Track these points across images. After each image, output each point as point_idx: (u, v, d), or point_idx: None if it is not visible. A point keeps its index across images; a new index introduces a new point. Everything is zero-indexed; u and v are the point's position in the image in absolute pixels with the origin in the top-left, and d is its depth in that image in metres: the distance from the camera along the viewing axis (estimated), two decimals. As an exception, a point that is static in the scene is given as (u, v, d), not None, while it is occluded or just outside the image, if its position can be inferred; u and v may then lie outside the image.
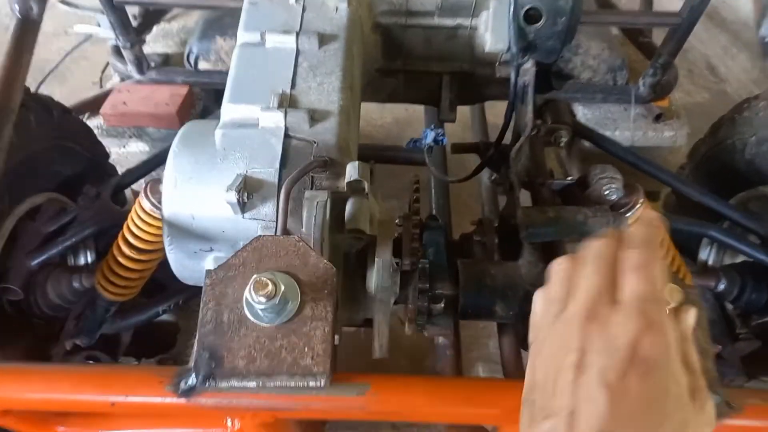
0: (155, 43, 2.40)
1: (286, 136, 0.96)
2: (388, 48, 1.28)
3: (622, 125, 2.28)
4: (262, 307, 0.63)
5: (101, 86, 2.54)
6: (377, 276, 0.89)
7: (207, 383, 0.64)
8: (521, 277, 0.97)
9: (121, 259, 1.26)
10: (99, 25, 2.16)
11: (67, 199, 1.53)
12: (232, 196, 0.87)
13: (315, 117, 0.98)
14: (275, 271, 0.68)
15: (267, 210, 0.92)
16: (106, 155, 1.71)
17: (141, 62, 2.00)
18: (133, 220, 1.21)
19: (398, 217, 1.34)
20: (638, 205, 1.21)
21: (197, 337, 0.66)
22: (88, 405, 0.65)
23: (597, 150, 2.24)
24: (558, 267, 0.59)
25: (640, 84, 2.20)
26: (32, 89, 1.73)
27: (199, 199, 0.92)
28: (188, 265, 0.97)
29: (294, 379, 0.64)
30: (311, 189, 0.93)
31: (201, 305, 0.67)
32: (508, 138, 1.40)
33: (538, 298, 0.59)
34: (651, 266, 0.53)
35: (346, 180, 0.88)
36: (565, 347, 0.50)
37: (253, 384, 0.64)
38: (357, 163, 0.88)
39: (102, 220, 1.36)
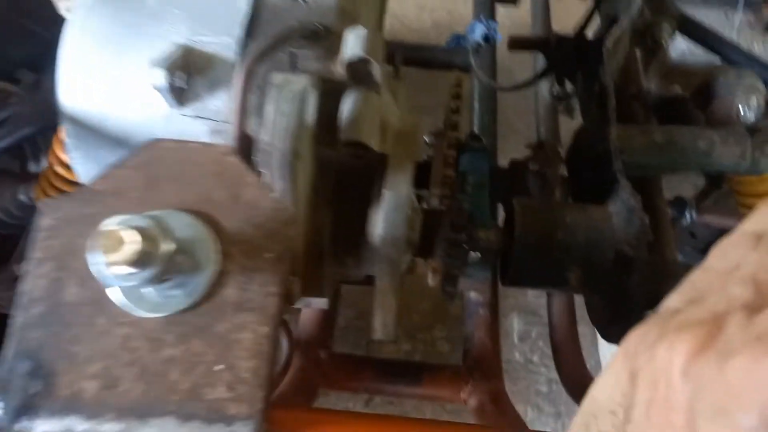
0: None
1: (257, -14, 0.60)
2: None
3: (722, 35, 1.83)
4: (131, 283, 0.31)
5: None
6: (386, 220, 0.55)
7: (21, 422, 0.33)
8: (613, 230, 0.62)
9: (58, 169, 0.95)
10: None
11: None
12: (160, 77, 0.54)
13: (304, -42, 0.61)
14: (174, 209, 0.35)
15: (218, 103, 0.58)
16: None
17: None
18: (69, 117, 0.89)
19: (429, 134, 0.99)
20: (784, 131, 0.82)
21: (12, 329, 0.34)
22: None
23: (687, 65, 1.80)
24: None
25: (755, -20, 1.72)
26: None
27: (115, 83, 0.59)
28: (106, 184, 0.65)
29: (190, 426, 0.32)
30: (290, 73, 0.58)
31: (28, 267, 0.35)
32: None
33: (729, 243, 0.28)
34: None
35: (344, 57, 0.52)
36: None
37: (109, 429, 0.32)
38: (362, 30, 0.52)
39: (43, 117, 1.05)
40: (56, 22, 1.32)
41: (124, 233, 0.29)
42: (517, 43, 1.11)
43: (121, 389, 0.33)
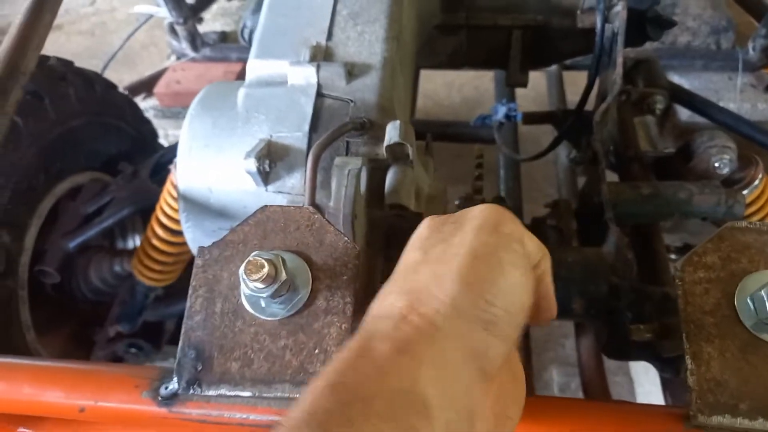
0: (214, 22, 2.33)
1: (319, 94, 0.81)
2: (448, -3, 1.11)
3: (726, 96, 1.98)
4: (262, 295, 0.49)
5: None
6: (423, 261, 0.72)
7: (191, 390, 0.50)
8: (606, 267, 0.77)
9: (154, 242, 1.17)
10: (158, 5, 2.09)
11: (112, 179, 1.46)
12: (252, 164, 0.73)
13: (353, 72, 0.82)
14: (282, 250, 0.53)
15: (294, 181, 0.78)
16: (154, 134, 1.64)
17: (195, 39, 1.93)
18: (165, 199, 1.11)
19: (459, 199, 1.17)
20: (757, 181, 0.97)
21: (182, 331, 0.52)
22: (53, 408, 0.53)
23: (697, 124, 1.97)
24: None
25: (750, 47, 1.90)
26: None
27: (217, 169, 0.79)
28: (208, 246, 0.85)
29: (299, 390, 0.49)
30: (346, 156, 0.77)
31: (189, 291, 0.53)
32: (590, 104, 1.20)
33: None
34: None
35: (386, 143, 0.72)
36: None
37: (247, 393, 0.49)
38: (398, 122, 0.72)
39: (139, 200, 1.28)
40: (142, 120, 1.60)
41: (261, 261, 0.47)
42: (530, 119, 1.30)
43: (254, 367, 0.50)
